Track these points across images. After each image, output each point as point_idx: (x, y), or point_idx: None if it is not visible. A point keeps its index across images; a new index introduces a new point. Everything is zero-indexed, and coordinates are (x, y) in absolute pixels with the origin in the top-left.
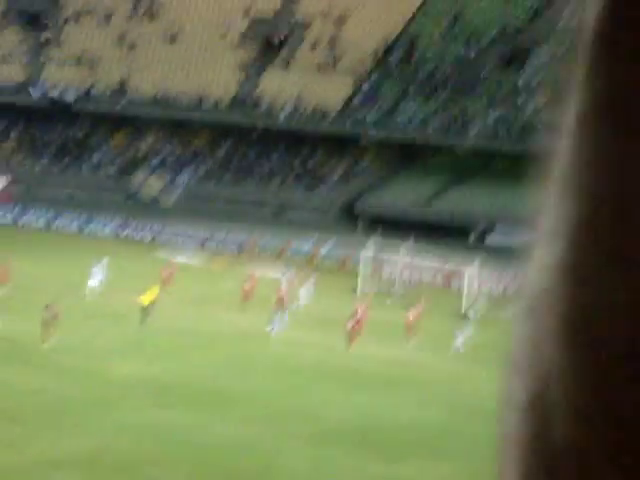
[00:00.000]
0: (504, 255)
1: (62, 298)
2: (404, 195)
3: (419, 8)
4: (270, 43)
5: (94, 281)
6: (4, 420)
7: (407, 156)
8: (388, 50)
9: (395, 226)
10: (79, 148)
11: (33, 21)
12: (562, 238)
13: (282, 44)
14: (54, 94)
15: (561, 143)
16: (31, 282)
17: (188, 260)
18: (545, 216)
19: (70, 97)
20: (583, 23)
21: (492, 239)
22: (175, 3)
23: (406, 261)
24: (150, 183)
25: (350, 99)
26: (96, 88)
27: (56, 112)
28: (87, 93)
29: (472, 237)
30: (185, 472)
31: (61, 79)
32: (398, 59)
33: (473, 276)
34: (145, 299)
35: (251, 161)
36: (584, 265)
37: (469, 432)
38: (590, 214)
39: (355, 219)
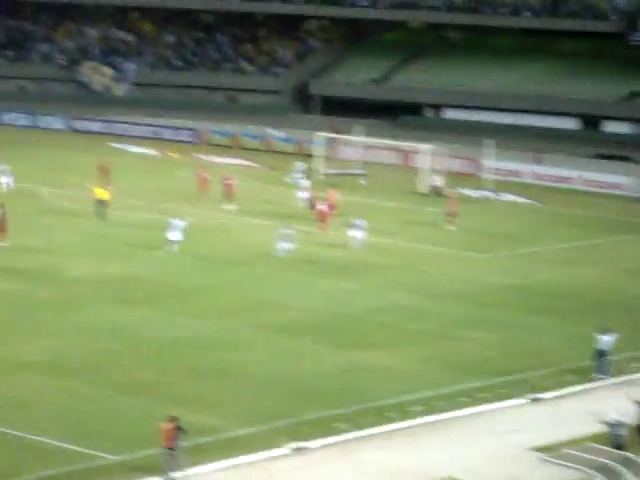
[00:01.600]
0: (460, 130)
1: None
2: (357, 74)
3: None
4: None
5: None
6: None
7: (358, 33)
8: None
9: (349, 106)
10: (25, 39)
11: None
12: None
13: None
14: None
15: None
16: None
17: (142, 150)
18: None
19: None
20: None
21: (447, 114)
22: None
23: (362, 141)
24: (100, 72)
25: None
26: None
27: None
28: None
29: (427, 113)
30: (152, 371)
31: None
32: None
33: (429, 154)
34: (101, 193)
35: (201, 46)
36: None
37: (437, 313)
38: None
39: (309, 101)
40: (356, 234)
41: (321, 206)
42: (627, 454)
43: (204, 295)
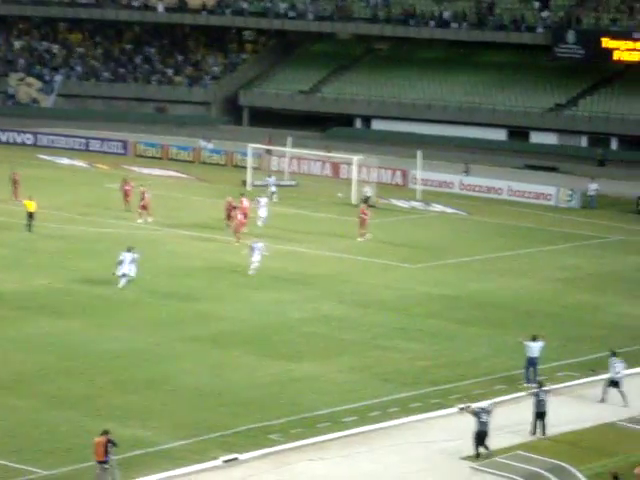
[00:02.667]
0: (389, 141)
1: None
2: (286, 85)
3: None
4: None
5: None
6: None
7: (287, 45)
8: None
9: (279, 117)
10: None
11: None
12: None
13: None
14: None
15: None
16: None
17: (71, 161)
18: None
19: None
20: None
21: (377, 125)
22: None
23: (293, 152)
24: (27, 84)
25: None
26: None
27: None
28: None
29: (357, 124)
30: (82, 384)
31: None
32: None
33: (361, 165)
34: (28, 204)
35: (130, 57)
36: None
37: (368, 323)
38: None
39: (238, 112)
40: (254, 258)
41: (239, 216)
42: (558, 462)
43: (133, 307)
